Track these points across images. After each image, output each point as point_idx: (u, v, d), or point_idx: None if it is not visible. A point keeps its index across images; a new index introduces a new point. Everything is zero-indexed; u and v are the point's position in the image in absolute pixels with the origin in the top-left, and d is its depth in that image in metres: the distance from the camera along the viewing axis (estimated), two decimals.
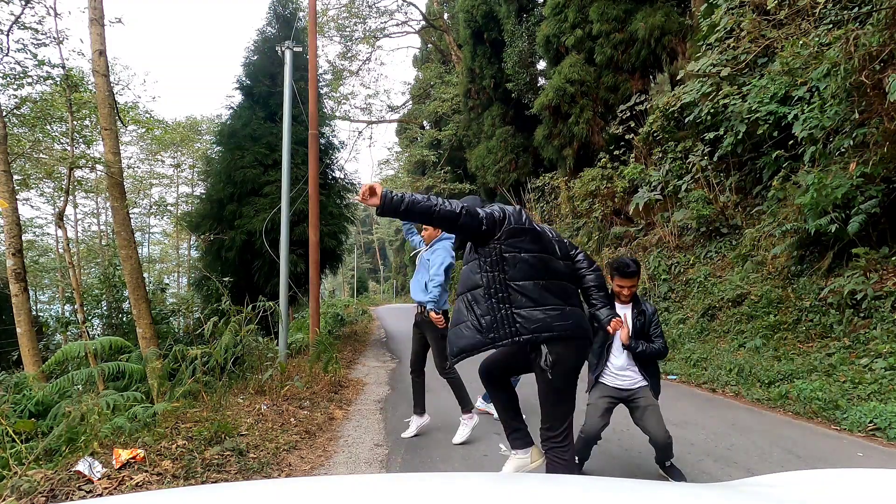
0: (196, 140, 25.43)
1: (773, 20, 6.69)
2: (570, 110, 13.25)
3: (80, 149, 12.19)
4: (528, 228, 2.36)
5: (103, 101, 8.12)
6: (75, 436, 3.54)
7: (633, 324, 3.23)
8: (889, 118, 5.43)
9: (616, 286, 3.27)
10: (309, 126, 8.50)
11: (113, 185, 8.33)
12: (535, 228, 2.39)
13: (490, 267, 2.28)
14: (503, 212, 2.36)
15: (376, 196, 2.12)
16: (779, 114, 7.12)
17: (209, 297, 10.98)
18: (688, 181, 9.27)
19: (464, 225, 2.24)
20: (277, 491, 1.11)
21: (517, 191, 15.56)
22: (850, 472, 1.29)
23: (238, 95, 12.00)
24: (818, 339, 5.69)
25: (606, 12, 11.98)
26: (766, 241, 7.39)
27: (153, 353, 5.88)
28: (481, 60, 18.49)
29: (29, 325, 8.58)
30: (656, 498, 1.05)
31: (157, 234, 31.68)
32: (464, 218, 2.23)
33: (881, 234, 5.82)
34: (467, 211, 2.24)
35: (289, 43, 8.08)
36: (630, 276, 3.22)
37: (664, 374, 6.72)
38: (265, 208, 10.06)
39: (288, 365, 6.60)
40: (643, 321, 3.25)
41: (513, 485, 1.24)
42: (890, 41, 5.19)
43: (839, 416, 4.39)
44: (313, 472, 3.64)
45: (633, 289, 3.26)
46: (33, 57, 10.32)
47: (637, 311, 3.26)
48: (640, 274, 3.34)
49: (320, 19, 20.79)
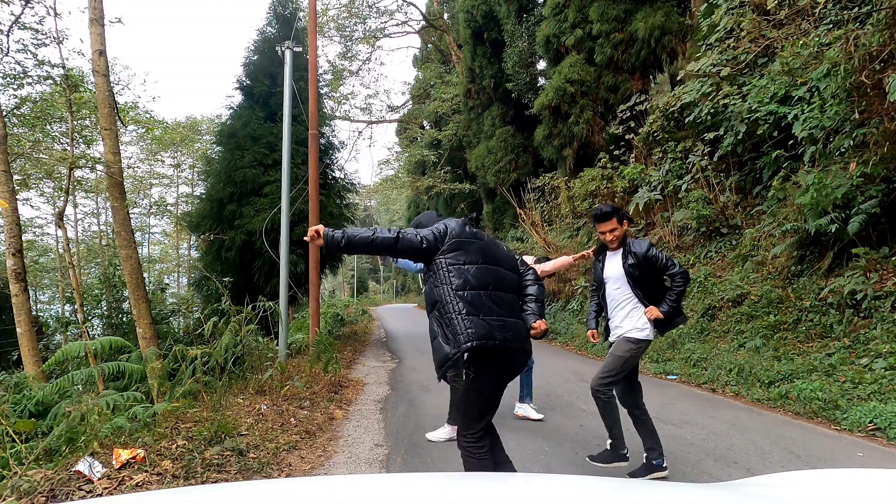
0: (196, 140, 25.43)
1: (773, 20, 6.69)
2: (570, 110, 13.26)
3: (80, 149, 12.20)
4: (470, 241, 2.44)
5: (103, 101, 8.11)
6: (75, 436, 3.54)
7: (626, 269, 3.24)
8: (889, 118, 5.43)
9: (599, 235, 3.34)
10: (309, 126, 8.50)
11: (113, 185, 8.33)
12: (478, 241, 2.48)
13: (439, 280, 2.38)
14: (446, 227, 2.47)
15: (320, 237, 2.30)
16: (779, 114, 7.12)
17: (209, 297, 10.99)
18: (688, 181, 9.27)
19: (403, 249, 2.38)
20: (277, 491, 1.11)
21: (517, 191, 15.55)
22: (850, 472, 1.30)
23: (238, 95, 12.01)
24: (818, 339, 5.69)
25: (606, 12, 11.98)
26: (766, 241, 7.39)
27: (153, 353, 5.88)
28: (481, 60, 18.50)
29: (29, 325, 8.57)
30: (656, 498, 1.05)
31: (157, 234, 31.72)
32: (401, 242, 2.36)
33: (881, 234, 5.82)
34: (402, 235, 2.38)
35: (289, 43, 8.08)
36: (602, 219, 3.25)
37: (664, 374, 6.72)
38: (265, 208, 10.07)
39: (288, 365, 6.60)
40: (636, 262, 3.22)
41: (513, 485, 1.24)
42: (890, 41, 5.19)
43: (839, 416, 4.39)
44: (313, 472, 3.64)
45: (614, 233, 3.25)
46: (33, 57, 10.33)
47: (626, 252, 3.25)
48: (618, 216, 3.27)
49: (320, 19, 20.80)
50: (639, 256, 3.23)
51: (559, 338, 10.57)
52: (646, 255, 3.22)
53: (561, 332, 10.71)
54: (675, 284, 3.23)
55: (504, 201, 17.74)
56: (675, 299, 3.21)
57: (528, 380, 4.85)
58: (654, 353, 7.39)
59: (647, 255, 3.22)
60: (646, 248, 3.24)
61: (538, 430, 4.45)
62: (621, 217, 3.30)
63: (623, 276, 3.26)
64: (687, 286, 3.25)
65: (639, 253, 3.23)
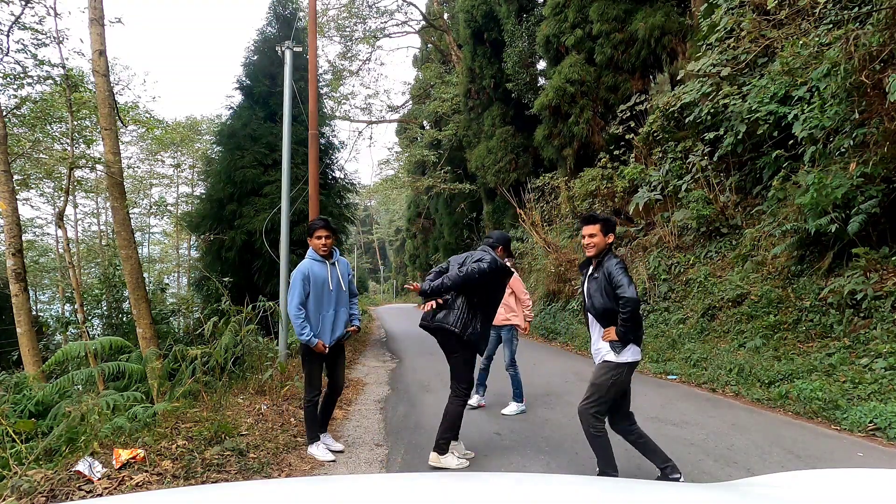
0: (196, 140, 25.41)
1: (773, 20, 6.69)
2: (570, 110, 13.25)
3: (80, 149, 12.19)
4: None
5: (103, 101, 8.11)
6: (75, 436, 3.54)
7: (590, 287, 3.11)
8: (889, 118, 5.43)
9: (581, 238, 3.24)
10: (309, 126, 8.50)
11: (113, 185, 8.33)
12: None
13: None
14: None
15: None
16: (779, 114, 7.12)
17: (209, 297, 10.98)
18: (688, 181, 9.27)
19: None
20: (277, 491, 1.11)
21: (517, 191, 15.55)
22: (850, 472, 1.30)
23: (238, 95, 12.01)
24: (818, 339, 5.69)
25: (606, 12, 11.98)
26: (766, 241, 7.39)
27: (153, 353, 5.88)
28: (481, 60, 18.49)
29: (29, 325, 8.57)
30: (656, 498, 1.05)
31: (157, 234, 31.69)
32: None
33: (881, 234, 5.82)
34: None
35: (289, 43, 8.08)
36: (587, 221, 3.13)
37: (664, 374, 6.72)
38: (265, 208, 10.07)
39: (288, 365, 6.59)
40: (597, 285, 3.05)
41: (513, 485, 1.24)
42: (890, 41, 5.19)
43: (839, 416, 4.39)
44: (313, 472, 3.64)
45: (593, 239, 3.09)
46: (33, 57, 10.33)
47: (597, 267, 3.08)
48: (604, 226, 3.10)
49: (320, 19, 20.79)
50: (599, 280, 3.05)
51: (559, 338, 10.57)
52: (607, 269, 3.03)
53: (561, 333, 10.71)
54: (620, 310, 2.98)
55: (504, 201, 17.73)
56: (620, 326, 2.97)
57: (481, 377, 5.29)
58: (654, 353, 7.39)
59: (607, 269, 3.04)
60: (613, 262, 3.05)
61: (538, 430, 4.45)
62: (608, 229, 3.13)
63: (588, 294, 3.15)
64: (630, 315, 2.94)
65: (604, 273, 3.04)
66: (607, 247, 3.13)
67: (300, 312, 3.70)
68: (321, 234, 3.82)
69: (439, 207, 27.12)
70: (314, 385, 3.83)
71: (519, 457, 3.85)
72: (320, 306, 3.80)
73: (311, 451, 3.87)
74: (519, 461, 3.78)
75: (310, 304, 3.77)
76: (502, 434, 4.39)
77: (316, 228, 3.86)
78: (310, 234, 3.90)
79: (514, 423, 4.69)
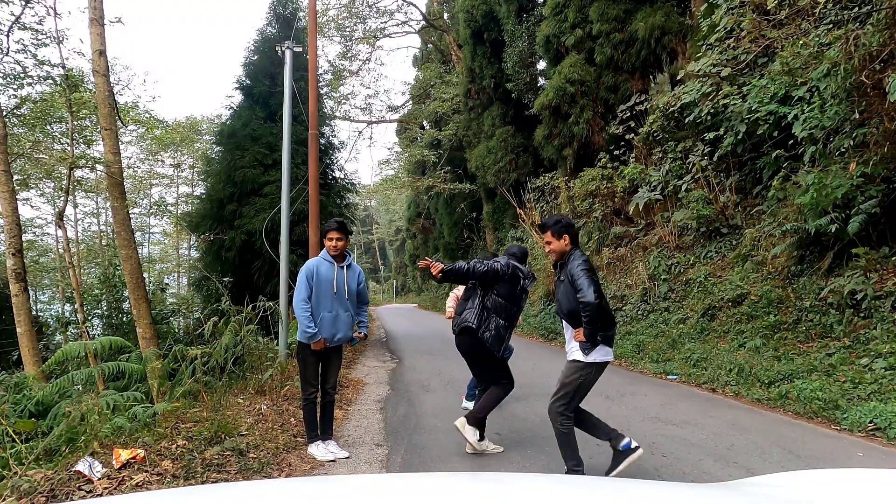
0: (196, 140, 25.41)
1: (773, 20, 6.68)
2: (570, 110, 13.24)
3: (80, 149, 12.19)
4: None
5: (103, 101, 8.11)
6: (75, 436, 3.54)
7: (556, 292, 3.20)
8: (889, 118, 5.42)
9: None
10: (309, 126, 8.50)
11: (113, 185, 8.33)
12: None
13: None
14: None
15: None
16: (779, 114, 7.11)
17: (209, 297, 10.98)
18: (688, 181, 9.27)
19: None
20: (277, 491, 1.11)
21: (517, 191, 15.55)
22: (850, 472, 1.30)
23: (238, 95, 12.01)
24: (818, 339, 5.69)
25: (606, 12, 11.97)
26: (766, 241, 7.39)
27: (153, 353, 5.89)
28: (481, 60, 18.48)
29: (29, 325, 8.58)
30: (656, 498, 1.05)
31: (157, 234, 31.69)
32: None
33: (881, 234, 5.82)
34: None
35: (289, 43, 8.08)
36: (541, 229, 3.20)
37: (664, 374, 6.72)
38: (265, 208, 10.07)
39: (288, 365, 6.59)
40: (563, 287, 3.07)
41: (513, 485, 1.24)
42: (890, 41, 5.19)
43: (839, 416, 4.39)
44: (313, 472, 3.64)
45: (549, 246, 3.16)
46: (33, 57, 10.33)
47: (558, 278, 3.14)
48: (554, 231, 3.11)
49: (320, 19, 20.78)
50: (567, 275, 3.03)
51: (559, 338, 10.57)
52: (570, 271, 3.00)
53: (561, 333, 10.70)
54: (581, 313, 2.95)
55: (504, 201, 17.74)
56: (584, 327, 2.95)
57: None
58: (655, 353, 7.39)
59: (570, 271, 3.00)
60: (576, 264, 3.01)
61: (538, 430, 4.45)
62: (559, 232, 3.11)
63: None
64: (591, 317, 2.90)
65: (569, 271, 3.01)
66: (569, 249, 3.15)
67: (306, 306, 3.78)
68: (332, 235, 3.88)
69: (439, 207, 27.12)
70: (308, 382, 3.90)
71: (519, 457, 3.85)
72: (320, 306, 3.83)
73: (311, 450, 3.88)
74: (519, 461, 3.78)
75: (311, 302, 3.82)
76: (502, 434, 4.39)
77: (329, 230, 3.92)
78: (323, 234, 3.98)
79: (514, 423, 4.69)
